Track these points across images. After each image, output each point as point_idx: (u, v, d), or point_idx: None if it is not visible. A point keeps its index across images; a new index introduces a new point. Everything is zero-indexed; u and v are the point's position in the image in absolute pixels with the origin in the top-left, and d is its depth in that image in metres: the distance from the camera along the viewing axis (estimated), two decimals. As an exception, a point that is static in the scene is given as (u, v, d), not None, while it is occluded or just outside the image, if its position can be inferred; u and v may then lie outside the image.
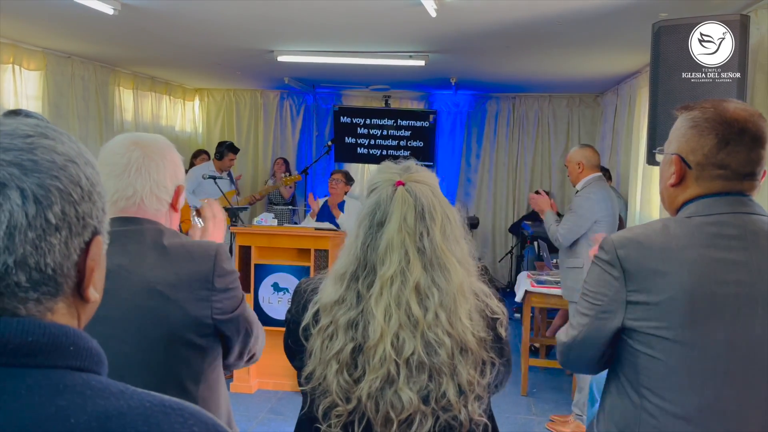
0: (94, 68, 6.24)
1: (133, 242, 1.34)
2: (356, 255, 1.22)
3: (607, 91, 7.04)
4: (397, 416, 1.15)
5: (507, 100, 7.88)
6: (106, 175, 1.35)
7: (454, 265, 1.21)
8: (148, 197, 1.37)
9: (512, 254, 7.61)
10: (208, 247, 1.40)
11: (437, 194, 1.26)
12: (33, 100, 5.48)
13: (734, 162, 1.31)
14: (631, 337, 1.32)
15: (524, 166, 7.91)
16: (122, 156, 1.37)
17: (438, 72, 6.17)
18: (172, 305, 1.31)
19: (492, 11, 3.84)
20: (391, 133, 8.02)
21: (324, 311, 1.22)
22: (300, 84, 7.39)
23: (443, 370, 1.16)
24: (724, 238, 1.29)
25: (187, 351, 1.34)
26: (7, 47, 5.10)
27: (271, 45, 5.16)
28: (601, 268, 1.35)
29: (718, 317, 1.25)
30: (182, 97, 8.11)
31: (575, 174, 3.84)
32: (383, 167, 1.30)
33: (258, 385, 4.43)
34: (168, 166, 1.41)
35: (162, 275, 1.32)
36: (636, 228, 1.38)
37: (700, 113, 1.35)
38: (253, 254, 4.40)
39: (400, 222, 1.20)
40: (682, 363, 1.26)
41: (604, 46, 4.72)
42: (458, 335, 1.17)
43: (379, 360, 1.15)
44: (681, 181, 1.38)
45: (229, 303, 1.38)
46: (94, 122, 6.27)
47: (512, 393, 4.40)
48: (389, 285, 1.18)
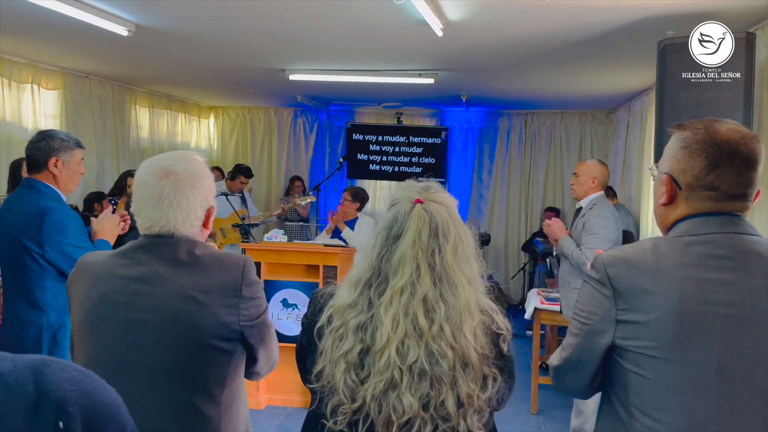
0: (111, 87, 6.37)
1: (168, 251, 1.45)
2: (371, 264, 1.30)
3: (620, 107, 7.03)
4: (398, 419, 1.21)
5: (519, 116, 7.90)
6: (141, 203, 1.46)
7: (463, 283, 1.27)
8: (181, 225, 1.47)
9: (524, 271, 7.58)
10: (238, 258, 1.51)
11: (453, 215, 1.33)
12: (51, 118, 5.61)
13: (724, 184, 1.31)
14: (621, 356, 1.31)
15: (536, 183, 7.90)
16: (155, 189, 1.44)
17: (448, 89, 6.22)
18: (204, 310, 1.40)
19: (498, 30, 3.87)
20: (403, 150, 8.07)
21: (337, 313, 1.29)
22: (313, 102, 7.48)
23: (443, 380, 1.22)
24: (713, 258, 1.29)
25: (216, 354, 1.42)
26: (26, 67, 5.24)
27: (282, 64, 5.24)
28: (592, 287, 1.36)
29: (707, 337, 1.25)
30: (197, 115, 8.24)
31: (585, 187, 3.76)
32: (405, 185, 1.38)
33: (267, 401, 4.44)
34: (198, 195, 1.48)
35: (195, 282, 1.42)
36: (627, 247, 1.39)
37: (691, 134, 1.35)
38: (263, 270, 4.44)
39: (415, 237, 1.27)
40: (671, 382, 1.26)
41: (615, 63, 4.74)
42: (461, 349, 1.23)
43: (384, 364, 1.22)
44: (672, 200, 1.38)
45: (254, 311, 1.47)
46: (111, 140, 6.39)
47: (522, 411, 4.36)
48: (399, 295, 1.25)
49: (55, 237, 2.35)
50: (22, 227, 2.37)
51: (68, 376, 0.65)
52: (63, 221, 2.37)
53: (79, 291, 1.47)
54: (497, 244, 7.97)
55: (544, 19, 3.60)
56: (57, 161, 2.45)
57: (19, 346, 2.37)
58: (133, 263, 1.45)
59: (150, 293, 1.41)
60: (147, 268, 1.43)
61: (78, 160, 2.53)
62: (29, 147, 2.48)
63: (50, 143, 2.45)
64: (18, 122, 5.16)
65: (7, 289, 2.50)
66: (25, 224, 2.37)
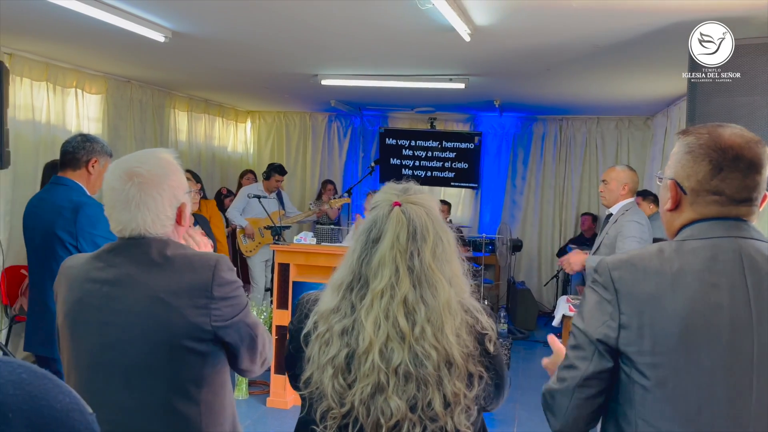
0: (152, 92, 6.57)
1: (140, 253, 1.45)
2: (352, 268, 1.31)
3: (658, 113, 6.89)
4: (387, 422, 1.22)
5: (554, 122, 7.81)
6: (110, 207, 1.47)
7: (442, 284, 1.27)
8: (151, 226, 1.46)
9: (558, 278, 7.48)
10: (209, 258, 1.48)
11: (432, 216, 1.32)
12: (94, 122, 5.82)
13: (728, 188, 1.29)
14: (624, 362, 1.30)
15: (571, 189, 7.79)
16: (121, 192, 1.44)
17: (480, 94, 6.20)
18: (173, 312, 1.39)
19: (526, 35, 3.86)
20: (436, 155, 8.07)
21: (321, 319, 1.30)
22: (347, 107, 7.55)
23: (429, 381, 1.22)
24: (719, 262, 1.27)
25: (188, 356, 1.41)
26: (70, 72, 5.45)
27: (314, 69, 5.32)
28: (596, 292, 1.35)
29: (712, 343, 1.23)
30: (234, 119, 8.41)
31: (616, 194, 3.75)
32: (386, 187, 1.39)
33: (293, 401, 4.50)
34: (165, 194, 1.47)
35: (164, 283, 1.41)
36: (632, 251, 1.38)
37: (695, 138, 1.34)
38: (292, 271, 4.51)
39: (393, 240, 1.27)
40: (675, 389, 1.24)
41: (649, 68, 4.66)
42: (444, 349, 1.23)
43: (368, 368, 1.23)
44: (677, 206, 1.37)
45: (228, 310, 1.44)
46: (150, 143, 6.58)
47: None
48: (379, 298, 1.26)
49: (88, 229, 2.51)
50: (56, 219, 2.55)
51: (15, 378, 0.60)
52: (96, 215, 2.52)
53: (61, 294, 1.50)
54: (530, 250, 7.89)
55: (572, 24, 3.57)
56: (96, 162, 2.69)
57: (47, 337, 2.49)
58: (107, 266, 1.45)
59: (121, 296, 1.42)
60: (119, 271, 1.44)
61: (107, 166, 2.70)
62: (71, 145, 2.68)
63: (94, 146, 2.69)
64: (62, 125, 5.37)
65: (37, 279, 2.64)
66: (59, 217, 2.54)
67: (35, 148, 5.08)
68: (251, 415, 4.25)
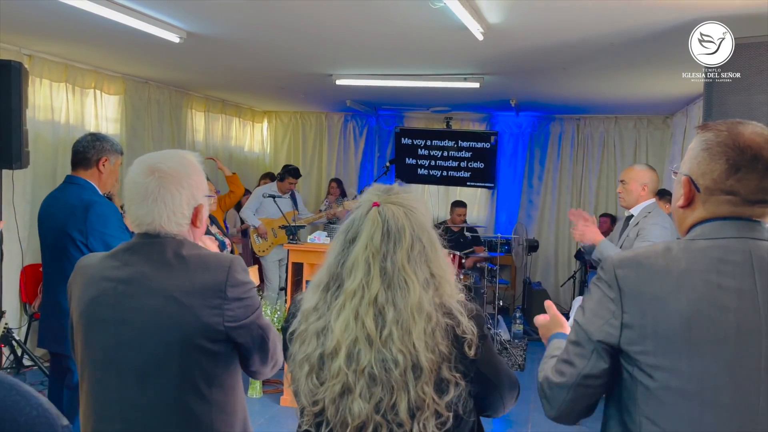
0: (169, 92, 6.63)
1: (155, 252, 1.46)
2: (330, 268, 1.30)
3: (677, 112, 6.79)
4: (353, 423, 1.21)
5: (571, 121, 7.74)
6: (130, 200, 1.49)
7: (414, 286, 1.24)
8: (167, 223, 1.47)
9: (575, 279, 7.41)
10: (224, 258, 1.49)
11: (412, 217, 1.29)
12: (112, 122, 5.89)
13: (744, 189, 1.26)
14: (627, 362, 1.28)
15: (588, 189, 7.72)
16: (141, 185, 1.45)
17: (496, 94, 6.16)
18: (186, 311, 1.40)
19: (540, 33, 3.83)
20: (452, 154, 8.04)
21: (302, 317, 1.31)
22: (362, 106, 7.56)
23: (394, 385, 1.20)
24: (728, 263, 1.24)
25: (201, 355, 1.42)
26: (89, 73, 5.52)
27: (328, 69, 5.33)
28: (600, 290, 1.33)
29: (718, 345, 1.20)
30: (251, 119, 8.46)
31: (636, 195, 3.59)
32: (371, 188, 1.37)
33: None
34: (184, 192, 1.48)
35: (179, 283, 1.42)
36: (639, 249, 1.35)
37: (713, 135, 1.30)
38: (305, 270, 4.52)
39: (367, 241, 1.26)
40: (679, 390, 1.22)
41: (667, 66, 4.59)
42: (410, 353, 1.21)
43: (336, 368, 1.23)
44: (690, 203, 1.33)
45: (241, 311, 1.45)
46: (167, 143, 6.64)
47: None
48: (351, 299, 1.25)
49: (97, 227, 2.55)
50: (67, 218, 2.59)
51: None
52: (105, 213, 2.57)
53: (76, 292, 1.51)
54: (547, 251, 7.83)
55: (587, 21, 3.53)
56: (106, 161, 2.71)
57: (59, 334, 2.52)
58: (122, 265, 1.46)
59: (135, 294, 1.43)
60: (134, 270, 1.45)
61: (119, 164, 2.78)
62: (82, 145, 2.71)
63: (104, 144, 2.71)
64: (81, 125, 5.44)
65: (50, 277, 2.68)
66: (70, 215, 2.58)
67: (54, 148, 5.16)
68: (265, 414, 4.27)
